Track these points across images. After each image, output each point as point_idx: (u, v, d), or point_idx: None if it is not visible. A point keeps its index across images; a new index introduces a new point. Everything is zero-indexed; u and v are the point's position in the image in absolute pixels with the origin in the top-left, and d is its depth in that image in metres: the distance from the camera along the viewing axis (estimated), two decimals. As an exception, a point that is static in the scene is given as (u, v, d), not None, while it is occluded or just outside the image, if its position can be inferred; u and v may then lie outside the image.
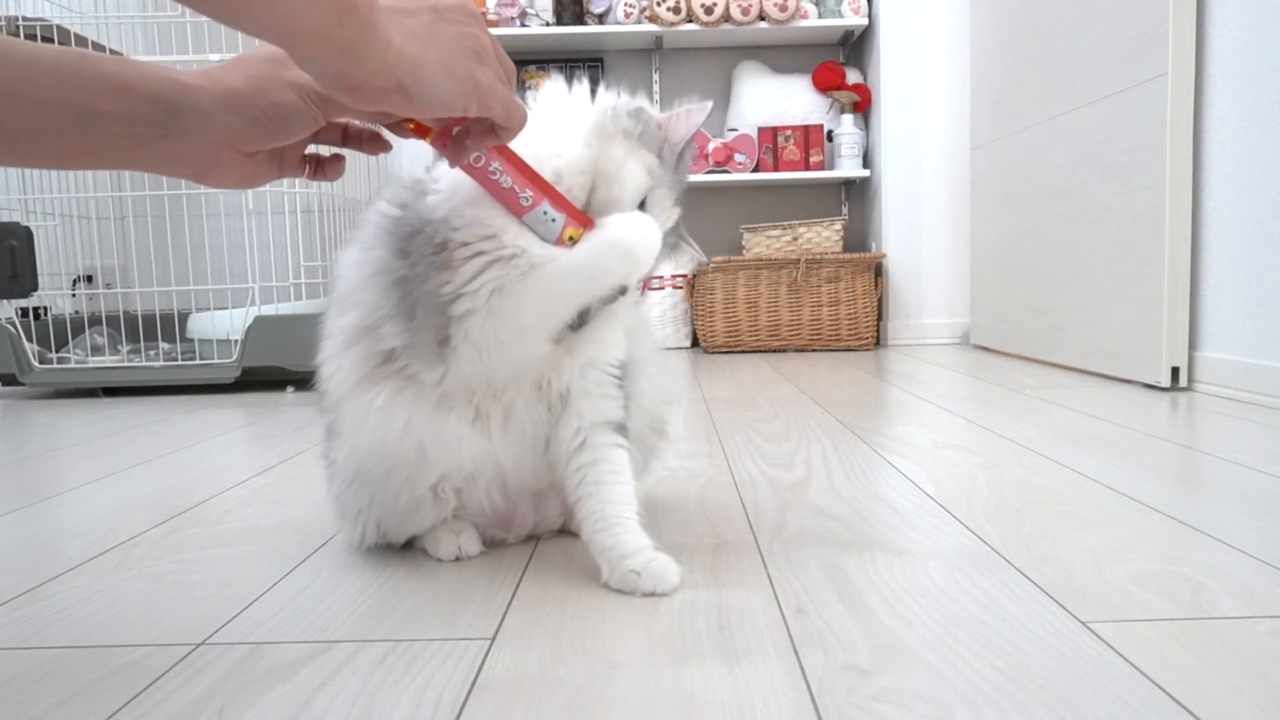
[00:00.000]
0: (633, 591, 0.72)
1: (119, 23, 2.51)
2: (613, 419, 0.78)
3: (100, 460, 1.35)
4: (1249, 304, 1.63)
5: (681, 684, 0.57)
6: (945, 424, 1.46)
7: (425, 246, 0.70)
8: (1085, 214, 2.08)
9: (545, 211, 0.68)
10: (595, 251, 0.69)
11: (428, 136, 0.64)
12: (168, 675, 0.60)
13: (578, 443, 0.77)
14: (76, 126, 0.55)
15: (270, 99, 0.59)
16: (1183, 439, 1.29)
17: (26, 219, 2.27)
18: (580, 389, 0.76)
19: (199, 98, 0.58)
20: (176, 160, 0.60)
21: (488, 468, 0.78)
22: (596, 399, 0.77)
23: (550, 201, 0.69)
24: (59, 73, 0.54)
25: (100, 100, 0.55)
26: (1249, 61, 1.62)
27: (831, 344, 2.84)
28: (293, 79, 0.60)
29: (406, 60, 0.53)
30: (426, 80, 0.54)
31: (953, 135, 2.89)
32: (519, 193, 0.68)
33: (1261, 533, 0.85)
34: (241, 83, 0.59)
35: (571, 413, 0.77)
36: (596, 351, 0.76)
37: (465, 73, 0.56)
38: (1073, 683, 0.55)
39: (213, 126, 0.59)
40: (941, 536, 0.86)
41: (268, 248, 2.19)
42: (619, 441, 0.78)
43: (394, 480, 0.77)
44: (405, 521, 0.81)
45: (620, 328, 0.78)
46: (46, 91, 0.54)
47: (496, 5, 2.90)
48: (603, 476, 0.76)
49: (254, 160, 0.63)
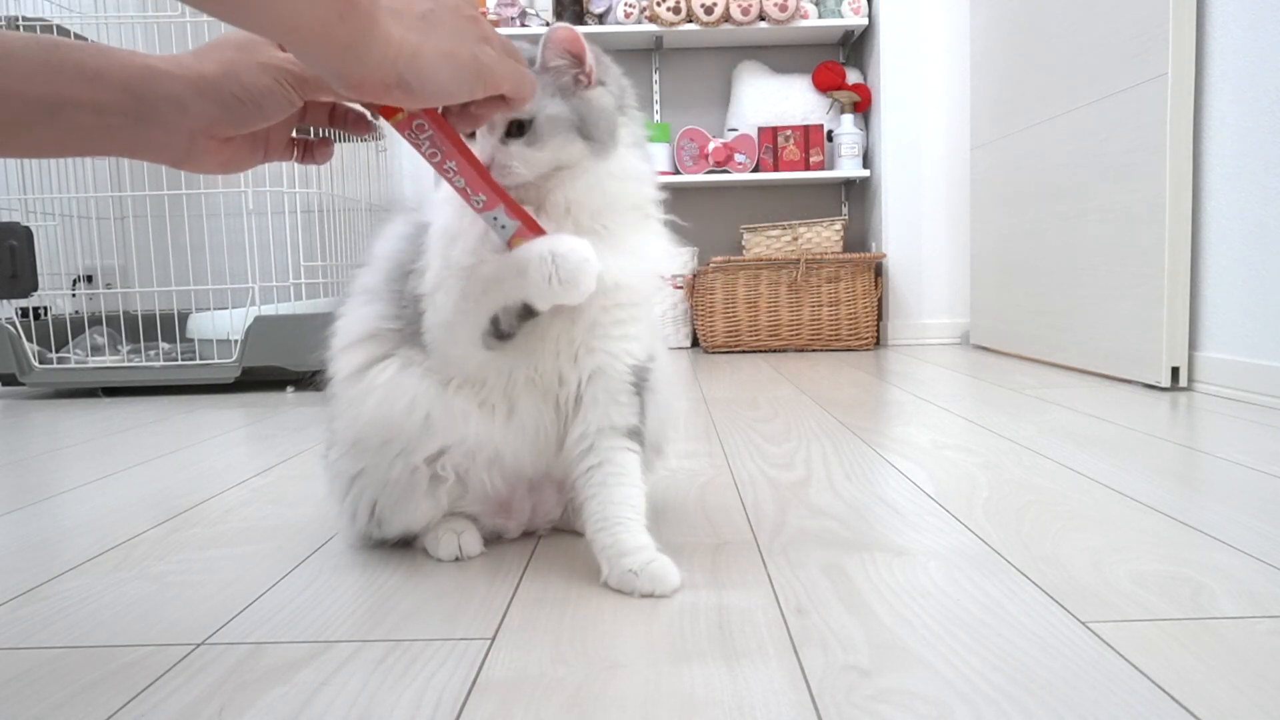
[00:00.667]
0: (631, 592, 0.72)
1: (119, 23, 2.51)
2: (622, 425, 0.77)
3: (100, 460, 1.35)
4: (1249, 304, 1.63)
5: (681, 684, 0.57)
6: (945, 424, 1.46)
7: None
8: (1085, 214, 2.08)
9: (496, 217, 0.69)
10: (517, 260, 0.69)
11: (392, 118, 0.63)
12: (168, 675, 0.60)
13: (584, 446, 0.77)
14: (46, 118, 0.54)
15: (241, 82, 0.58)
16: (1183, 439, 1.29)
17: (26, 219, 2.27)
18: (590, 396, 0.77)
19: (169, 84, 0.57)
20: (151, 148, 0.59)
21: (488, 448, 0.78)
22: (605, 406, 0.77)
23: (505, 208, 0.69)
24: (27, 64, 0.53)
25: (70, 90, 0.54)
26: (1249, 61, 1.62)
27: (831, 344, 2.84)
28: (265, 60, 0.59)
29: (406, 53, 0.53)
30: (428, 71, 0.54)
31: (953, 135, 2.89)
32: (471, 194, 0.68)
33: (1261, 533, 0.85)
34: (212, 68, 0.58)
35: (579, 418, 0.77)
36: (604, 360, 0.76)
37: (468, 55, 0.56)
38: (1073, 683, 0.55)
39: (185, 114, 0.58)
40: (941, 536, 0.86)
41: (268, 248, 2.19)
42: (629, 446, 0.77)
43: (391, 449, 0.77)
44: (400, 502, 0.80)
45: (635, 339, 0.78)
46: (16, 84, 0.53)
47: (496, 5, 2.91)
48: (608, 478, 0.75)
49: (232, 145, 0.62)
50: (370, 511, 0.81)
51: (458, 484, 0.80)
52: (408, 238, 0.80)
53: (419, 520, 0.82)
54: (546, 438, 0.79)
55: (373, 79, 0.52)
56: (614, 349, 0.77)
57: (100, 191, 2.55)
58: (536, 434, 0.79)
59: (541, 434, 0.79)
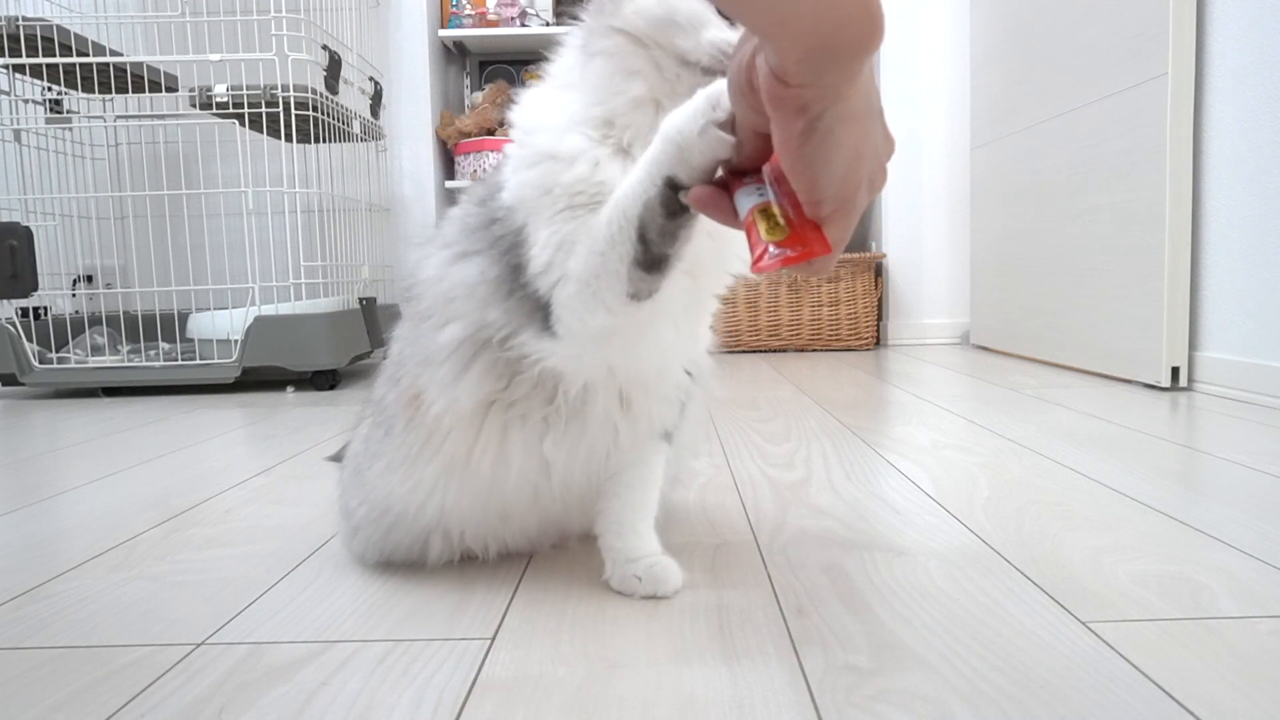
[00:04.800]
0: (631, 594, 0.72)
1: (119, 23, 2.51)
2: (670, 426, 0.76)
3: (100, 460, 1.35)
4: (1249, 304, 1.63)
5: (681, 684, 0.57)
6: (945, 424, 1.46)
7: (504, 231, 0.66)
8: (1085, 214, 2.08)
9: (761, 189, 0.54)
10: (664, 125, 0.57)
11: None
12: (168, 675, 0.60)
13: (630, 449, 0.74)
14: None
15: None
16: (1183, 439, 1.29)
17: (26, 219, 2.26)
18: (660, 393, 0.72)
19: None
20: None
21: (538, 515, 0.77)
22: (671, 403, 0.73)
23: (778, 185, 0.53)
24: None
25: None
26: (1249, 60, 1.62)
27: (831, 344, 2.84)
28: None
29: (837, 109, 0.45)
30: (829, 149, 0.46)
31: (953, 135, 2.89)
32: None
33: (1261, 533, 0.85)
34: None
35: (643, 419, 0.72)
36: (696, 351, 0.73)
37: (856, 181, 0.49)
38: (1073, 683, 0.55)
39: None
40: (941, 536, 0.86)
41: (268, 248, 2.19)
42: (662, 447, 0.76)
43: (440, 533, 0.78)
44: (420, 554, 0.80)
45: (709, 321, 0.74)
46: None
47: (496, 5, 2.90)
48: (634, 481, 0.74)
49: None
50: (377, 551, 0.80)
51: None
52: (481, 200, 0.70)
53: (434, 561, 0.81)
54: (606, 453, 0.73)
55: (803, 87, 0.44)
56: (702, 334, 0.74)
57: (100, 191, 2.55)
58: (593, 452, 0.73)
59: (600, 451, 0.73)
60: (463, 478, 0.71)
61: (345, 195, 2.43)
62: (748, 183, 0.54)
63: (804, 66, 0.43)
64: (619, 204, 0.59)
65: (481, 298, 0.67)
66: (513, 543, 0.80)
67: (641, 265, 0.59)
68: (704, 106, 0.53)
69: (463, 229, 0.70)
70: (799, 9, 0.41)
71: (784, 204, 0.51)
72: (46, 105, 2.33)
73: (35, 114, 2.34)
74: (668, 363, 0.71)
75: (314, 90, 2.12)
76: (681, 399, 0.75)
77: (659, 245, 0.58)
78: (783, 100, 0.45)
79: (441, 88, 3.02)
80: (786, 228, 0.50)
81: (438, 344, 0.69)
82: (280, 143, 2.14)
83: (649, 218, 0.57)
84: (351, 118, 2.40)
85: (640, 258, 0.58)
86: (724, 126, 0.53)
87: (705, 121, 0.53)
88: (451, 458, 0.71)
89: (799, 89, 0.44)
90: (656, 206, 0.57)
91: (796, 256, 0.49)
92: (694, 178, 0.55)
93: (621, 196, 0.59)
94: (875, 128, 0.49)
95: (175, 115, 2.38)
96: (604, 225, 0.59)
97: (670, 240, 0.58)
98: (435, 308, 0.70)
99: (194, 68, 2.39)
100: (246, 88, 2.08)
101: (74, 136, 2.53)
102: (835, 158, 0.47)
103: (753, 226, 0.51)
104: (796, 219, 0.50)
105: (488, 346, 0.68)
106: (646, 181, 0.57)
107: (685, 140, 0.54)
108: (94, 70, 2.16)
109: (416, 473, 0.72)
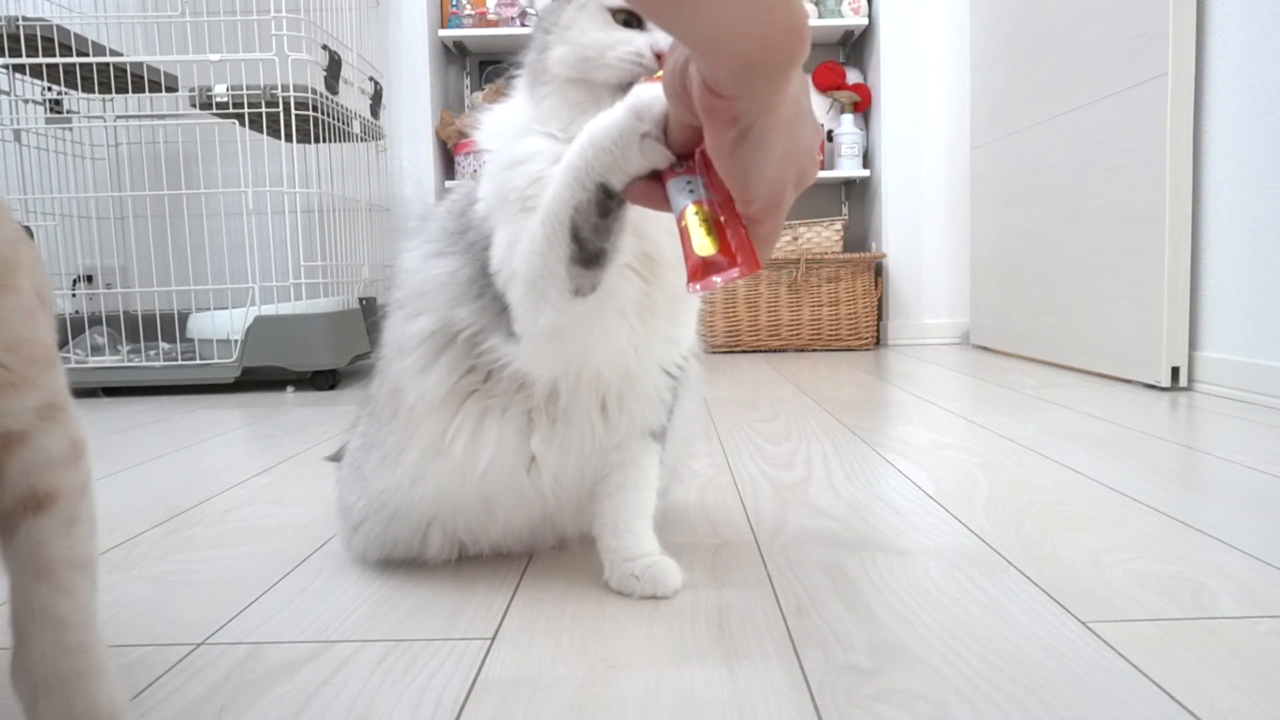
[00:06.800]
0: (631, 594, 0.72)
1: (119, 23, 2.51)
2: (655, 424, 0.76)
3: (100, 460, 1.35)
4: (1249, 304, 1.63)
5: (681, 684, 0.57)
6: (945, 424, 1.46)
7: (477, 237, 0.69)
8: (1085, 214, 2.08)
9: (690, 182, 0.55)
10: (589, 127, 0.59)
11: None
12: (168, 675, 0.60)
13: (617, 449, 0.75)
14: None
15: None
16: (1183, 439, 1.29)
17: (26, 219, 2.27)
18: (638, 393, 0.73)
19: None
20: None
21: (531, 512, 0.77)
22: (649, 404, 0.74)
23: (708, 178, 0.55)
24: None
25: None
26: (1249, 60, 1.62)
27: (831, 344, 2.84)
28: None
29: (767, 118, 0.47)
30: (761, 155, 0.48)
31: (953, 135, 2.89)
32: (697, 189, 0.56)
33: (1261, 533, 0.85)
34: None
35: (622, 420, 0.74)
36: (669, 351, 0.74)
37: (786, 179, 0.51)
38: (1073, 683, 0.55)
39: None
40: (941, 536, 0.86)
41: (268, 248, 2.19)
42: (653, 446, 0.76)
43: (434, 525, 0.78)
44: (417, 551, 0.80)
45: (689, 326, 0.75)
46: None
47: (496, 5, 2.90)
48: (626, 481, 0.75)
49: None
50: (378, 548, 0.80)
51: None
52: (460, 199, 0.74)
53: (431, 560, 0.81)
54: (592, 452, 0.75)
55: (734, 97, 0.45)
56: (678, 335, 0.74)
57: (100, 191, 2.55)
58: (581, 451, 0.74)
59: (587, 449, 0.74)
60: (438, 461, 0.73)
61: (345, 195, 2.43)
62: (680, 172, 0.55)
63: (736, 80, 0.44)
64: (550, 208, 0.62)
65: (450, 296, 0.70)
66: (509, 541, 0.81)
67: (579, 262, 0.62)
68: (628, 119, 0.55)
69: (442, 231, 0.73)
70: (728, 29, 0.42)
71: (715, 200, 0.53)
72: (46, 105, 2.33)
73: (35, 114, 2.34)
74: (633, 361, 0.71)
75: (314, 90, 2.12)
76: (666, 399, 0.76)
77: (594, 242, 0.61)
78: (716, 111, 0.47)
79: (441, 88, 3.02)
80: (718, 237, 0.51)
81: (408, 334, 0.72)
82: (280, 143, 2.14)
83: (581, 220, 0.60)
84: (351, 118, 2.40)
85: (577, 256, 0.61)
86: (652, 135, 0.55)
87: (642, 135, 0.55)
88: (426, 442, 0.73)
89: (731, 101, 0.46)
90: (589, 208, 0.59)
91: (727, 279, 0.51)
92: (627, 182, 0.57)
93: (552, 200, 0.61)
94: (803, 127, 0.51)
95: (175, 115, 2.38)
96: (539, 228, 0.62)
97: (605, 235, 0.61)
98: (409, 298, 0.73)
99: (194, 68, 2.39)
100: (246, 88, 2.08)
101: (74, 136, 2.52)
102: (767, 162, 0.49)
103: (686, 234, 0.52)
104: (728, 218, 0.52)
105: (454, 342, 0.71)
106: (576, 185, 0.59)
107: (623, 150, 0.56)
108: (94, 70, 2.16)
109: (404, 459, 0.74)
